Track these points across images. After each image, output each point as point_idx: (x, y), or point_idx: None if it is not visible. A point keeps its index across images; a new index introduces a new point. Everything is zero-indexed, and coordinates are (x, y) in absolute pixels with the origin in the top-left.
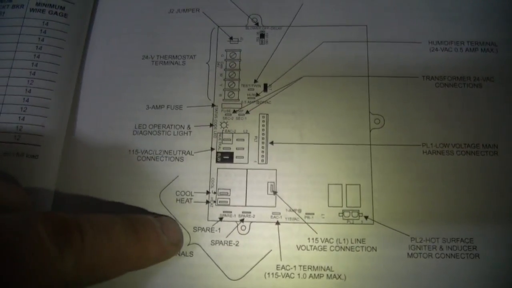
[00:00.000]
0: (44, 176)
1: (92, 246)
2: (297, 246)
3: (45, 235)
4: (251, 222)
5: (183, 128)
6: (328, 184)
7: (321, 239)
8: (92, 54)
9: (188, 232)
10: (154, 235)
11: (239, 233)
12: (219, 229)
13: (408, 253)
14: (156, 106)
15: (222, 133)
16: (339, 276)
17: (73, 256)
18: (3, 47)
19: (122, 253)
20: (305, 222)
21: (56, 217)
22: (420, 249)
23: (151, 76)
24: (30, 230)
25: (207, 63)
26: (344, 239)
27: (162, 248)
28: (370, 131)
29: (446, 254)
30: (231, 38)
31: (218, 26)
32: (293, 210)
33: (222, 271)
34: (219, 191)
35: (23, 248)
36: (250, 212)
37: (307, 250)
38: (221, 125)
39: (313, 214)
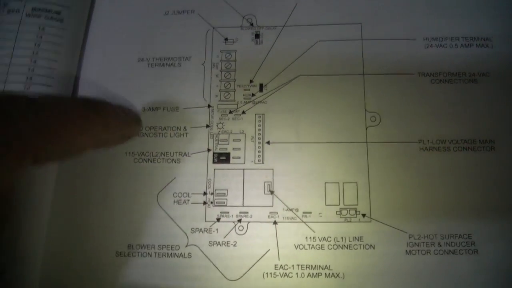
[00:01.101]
0: (42, 177)
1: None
2: (295, 245)
3: None
4: (249, 222)
5: (180, 130)
6: (325, 183)
7: (319, 237)
8: (89, 57)
9: (185, 234)
10: (112, 110)
11: (237, 234)
12: (217, 229)
13: (406, 250)
14: (152, 108)
15: (219, 134)
16: (338, 275)
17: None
18: None
19: (82, 124)
20: (303, 221)
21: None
22: (418, 246)
23: (147, 78)
24: None
25: (202, 64)
26: (342, 238)
27: (121, 120)
28: (366, 128)
29: (445, 251)
30: (226, 39)
31: (213, 27)
32: (291, 210)
33: (221, 272)
34: (216, 191)
35: None
36: (247, 212)
37: (305, 249)
38: (217, 126)
39: (310, 213)
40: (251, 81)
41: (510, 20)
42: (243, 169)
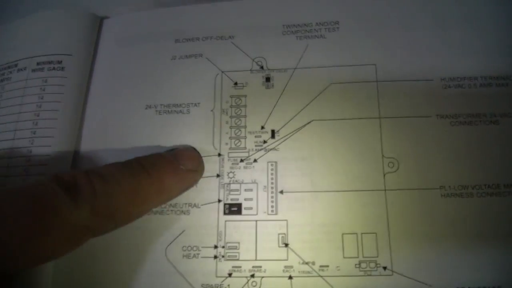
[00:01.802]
0: None
1: (103, 190)
2: None
3: (58, 189)
4: (262, 277)
5: None
6: (343, 234)
7: None
8: (92, 105)
9: None
10: (167, 167)
11: None
12: (229, 286)
13: None
14: None
15: (230, 183)
16: None
17: (87, 203)
18: (8, 111)
19: (136, 191)
20: (320, 276)
21: (65, 174)
22: None
23: (155, 126)
24: (44, 189)
25: (212, 110)
26: None
27: (180, 176)
28: (384, 175)
29: None
30: (235, 83)
31: (222, 72)
32: (307, 263)
33: None
34: (228, 245)
35: (40, 206)
36: (261, 267)
37: None
38: (228, 175)
39: (327, 266)
40: (262, 127)
41: None
42: (256, 221)
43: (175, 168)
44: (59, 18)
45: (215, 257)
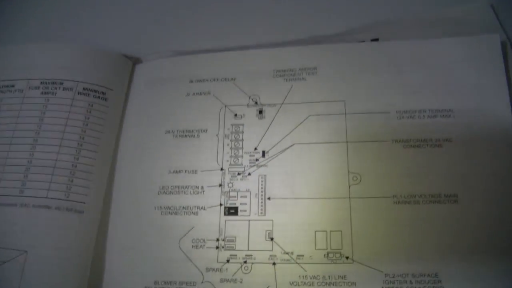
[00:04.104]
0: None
1: None
2: (290, 282)
3: None
4: (253, 263)
5: (198, 188)
6: (315, 231)
7: (309, 276)
8: (126, 131)
9: (201, 272)
10: None
11: (243, 273)
12: (227, 269)
13: (382, 287)
14: (176, 171)
15: (229, 191)
16: None
17: None
18: (55, 121)
19: None
20: (297, 263)
21: None
22: (393, 283)
23: (172, 147)
24: None
25: (216, 135)
26: (328, 276)
27: None
28: (349, 186)
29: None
30: (235, 114)
31: (225, 105)
32: (287, 253)
33: None
34: (227, 238)
35: None
36: (251, 255)
37: (298, 286)
38: (228, 185)
39: (303, 255)
40: (255, 149)
41: (469, 94)
42: (249, 220)
43: None
44: (105, 57)
45: (217, 247)
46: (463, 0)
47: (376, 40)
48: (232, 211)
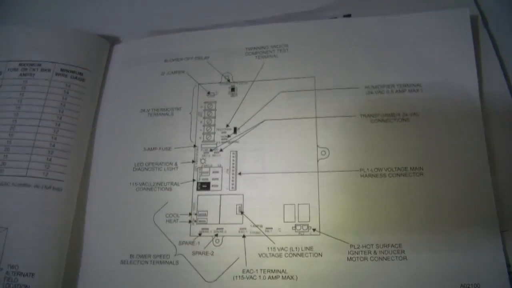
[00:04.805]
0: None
1: None
2: (259, 254)
3: None
4: (223, 236)
5: (172, 165)
6: (284, 204)
7: (277, 248)
8: (103, 110)
9: (174, 245)
10: None
11: (214, 245)
12: (199, 242)
13: (347, 257)
14: (151, 148)
15: (201, 167)
16: (292, 277)
17: None
18: (33, 102)
19: None
20: (266, 235)
21: None
22: (357, 254)
23: (147, 125)
24: None
25: (190, 113)
26: (296, 248)
27: None
28: (317, 161)
29: (379, 257)
30: (208, 92)
31: (199, 84)
32: (256, 226)
33: (201, 276)
34: (199, 212)
35: None
36: (222, 228)
37: (267, 257)
38: (200, 161)
39: (271, 228)
40: (227, 125)
41: (437, 69)
42: (220, 195)
43: None
44: (83, 38)
45: (190, 221)
46: None
47: (349, 16)
48: (204, 186)
